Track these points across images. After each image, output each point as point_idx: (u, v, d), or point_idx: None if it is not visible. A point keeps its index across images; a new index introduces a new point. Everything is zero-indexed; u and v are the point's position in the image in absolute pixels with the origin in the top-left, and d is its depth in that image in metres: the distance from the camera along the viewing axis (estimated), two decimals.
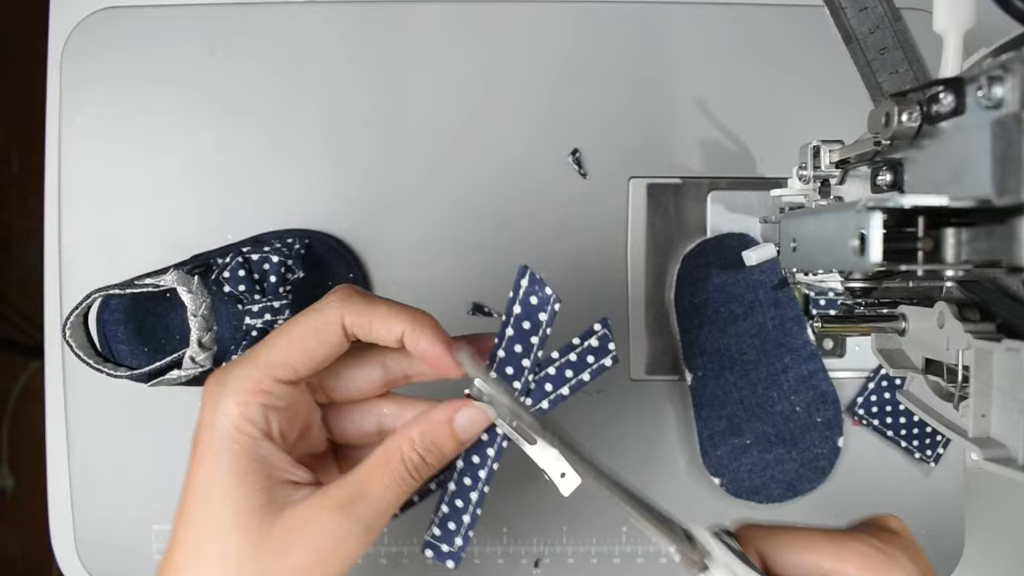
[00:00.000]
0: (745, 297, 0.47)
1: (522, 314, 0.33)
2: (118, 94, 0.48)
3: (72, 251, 0.48)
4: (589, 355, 0.34)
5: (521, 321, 0.33)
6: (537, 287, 0.33)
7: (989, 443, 0.27)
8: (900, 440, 0.48)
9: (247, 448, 0.29)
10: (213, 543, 0.29)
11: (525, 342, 0.33)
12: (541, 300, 0.33)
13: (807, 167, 0.34)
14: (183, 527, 0.30)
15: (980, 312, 0.29)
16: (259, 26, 0.48)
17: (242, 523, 0.29)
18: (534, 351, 0.33)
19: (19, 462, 1.28)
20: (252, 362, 0.30)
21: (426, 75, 0.48)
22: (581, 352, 0.34)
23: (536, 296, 0.33)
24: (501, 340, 0.33)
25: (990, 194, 0.21)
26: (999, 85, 0.20)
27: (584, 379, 0.34)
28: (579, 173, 0.49)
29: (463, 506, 0.33)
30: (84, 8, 0.48)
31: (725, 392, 0.47)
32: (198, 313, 0.42)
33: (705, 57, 0.49)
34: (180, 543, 0.30)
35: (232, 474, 0.29)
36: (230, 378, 0.30)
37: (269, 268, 0.43)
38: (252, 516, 0.29)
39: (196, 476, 0.30)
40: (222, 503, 0.29)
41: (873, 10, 0.31)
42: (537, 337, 0.33)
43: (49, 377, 0.48)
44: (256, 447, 0.29)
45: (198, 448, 0.30)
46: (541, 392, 0.33)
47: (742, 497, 0.47)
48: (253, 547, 0.28)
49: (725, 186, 0.48)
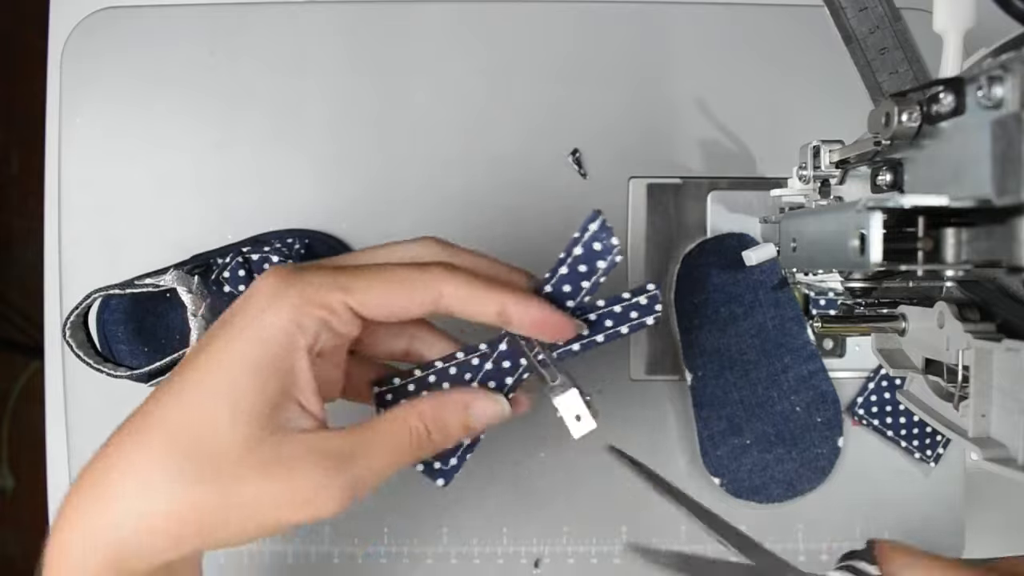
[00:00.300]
0: (745, 297, 0.47)
1: (582, 256, 0.33)
2: (118, 94, 0.48)
3: (72, 251, 0.48)
4: (633, 311, 0.34)
5: (578, 264, 0.33)
6: (604, 235, 0.33)
7: (989, 443, 0.27)
8: (900, 440, 0.48)
9: (281, 350, 0.27)
10: (194, 425, 0.26)
11: (576, 284, 0.33)
12: (605, 248, 0.33)
13: (807, 167, 0.34)
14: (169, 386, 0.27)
15: (980, 312, 0.29)
16: (259, 26, 0.48)
17: (236, 419, 0.26)
18: (582, 295, 0.33)
19: (19, 462, 1.28)
20: (334, 278, 0.28)
21: (426, 75, 0.48)
22: (627, 306, 0.34)
23: (601, 243, 0.33)
24: (552, 276, 0.33)
25: (990, 194, 0.21)
26: (999, 85, 0.20)
27: (622, 331, 0.34)
28: (579, 173, 0.49)
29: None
30: (84, 8, 0.48)
31: (725, 392, 0.47)
32: (198, 313, 0.42)
33: (705, 57, 0.49)
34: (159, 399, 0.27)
35: (251, 366, 0.26)
36: (302, 280, 0.27)
37: (269, 268, 0.43)
38: (249, 419, 0.26)
39: (211, 348, 0.27)
40: (226, 389, 0.26)
41: (873, 10, 0.31)
42: (589, 283, 0.33)
43: (49, 377, 0.48)
44: (291, 356, 0.27)
45: (226, 325, 0.27)
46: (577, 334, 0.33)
47: (742, 497, 0.47)
48: (236, 452, 0.26)
49: (725, 186, 0.48)
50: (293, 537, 0.48)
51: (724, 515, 0.50)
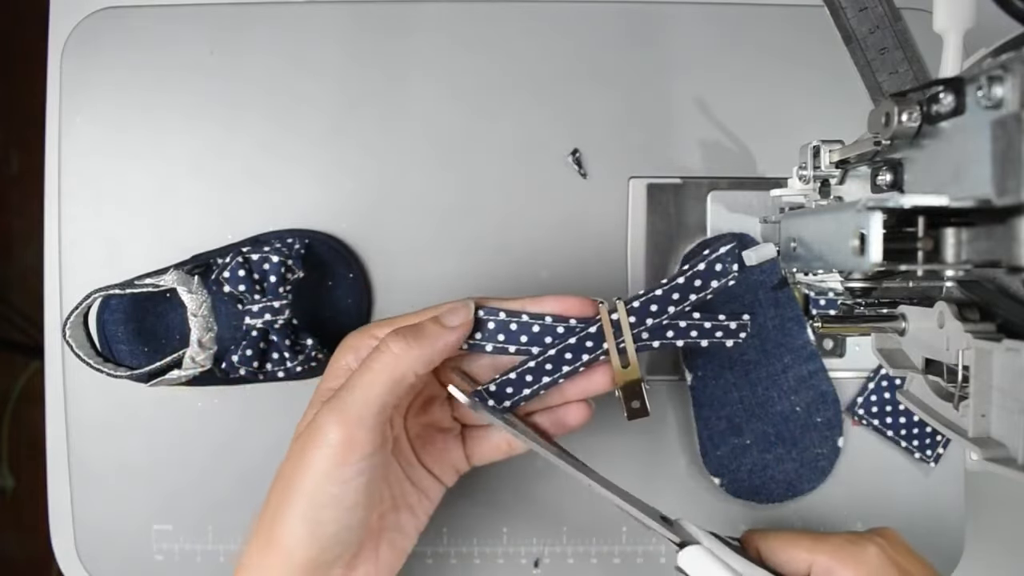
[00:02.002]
0: (745, 297, 0.47)
1: (702, 272, 0.36)
2: (118, 94, 0.48)
3: (72, 251, 0.48)
4: (720, 331, 0.37)
5: (696, 278, 0.35)
6: (730, 259, 0.35)
7: (989, 443, 0.27)
8: (900, 440, 0.48)
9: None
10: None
11: (684, 295, 0.36)
12: (724, 271, 0.36)
13: (807, 167, 0.34)
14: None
15: (980, 312, 0.29)
16: (259, 26, 0.48)
17: None
18: (685, 305, 0.36)
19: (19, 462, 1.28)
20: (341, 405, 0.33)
21: (426, 75, 0.48)
22: (717, 325, 0.37)
23: (723, 265, 0.36)
24: (669, 283, 0.35)
25: (990, 194, 0.21)
26: (999, 85, 0.20)
27: (702, 344, 0.37)
28: (579, 173, 0.49)
29: (531, 380, 0.36)
30: (84, 8, 0.48)
31: (725, 392, 0.47)
32: (198, 313, 0.42)
33: (705, 57, 0.49)
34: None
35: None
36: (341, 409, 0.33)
37: (269, 268, 0.43)
38: None
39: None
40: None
41: (873, 10, 0.31)
42: (697, 296, 0.36)
43: (49, 377, 0.48)
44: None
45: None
46: (661, 334, 0.36)
47: (742, 497, 0.47)
48: None
49: (725, 186, 0.48)
50: None
51: (724, 515, 0.50)
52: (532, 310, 0.36)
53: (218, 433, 0.48)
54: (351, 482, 0.32)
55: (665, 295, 0.35)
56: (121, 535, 0.48)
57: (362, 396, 0.32)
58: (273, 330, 0.43)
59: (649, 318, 0.35)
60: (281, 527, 0.32)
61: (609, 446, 0.48)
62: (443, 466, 0.39)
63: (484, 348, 0.35)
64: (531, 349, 0.35)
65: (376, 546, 0.36)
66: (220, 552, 0.48)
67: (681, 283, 0.35)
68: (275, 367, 0.44)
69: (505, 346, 0.35)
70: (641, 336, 0.36)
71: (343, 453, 0.31)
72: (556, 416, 0.38)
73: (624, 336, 0.35)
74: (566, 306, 0.36)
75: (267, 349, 0.44)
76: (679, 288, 0.35)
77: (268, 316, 0.43)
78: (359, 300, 0.47)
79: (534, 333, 0.35)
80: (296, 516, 0.32)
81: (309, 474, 0.32)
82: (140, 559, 0.48)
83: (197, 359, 0.42)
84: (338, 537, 0.32)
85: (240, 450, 0.48)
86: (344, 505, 0.32)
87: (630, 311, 0.35)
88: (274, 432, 0.48)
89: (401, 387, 0.32)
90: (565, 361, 0.35)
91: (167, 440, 0.48)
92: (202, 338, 0.42)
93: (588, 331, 0.35)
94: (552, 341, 0.35)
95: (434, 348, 0.33)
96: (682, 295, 0.35)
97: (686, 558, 0.32)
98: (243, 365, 0.43)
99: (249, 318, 0.43)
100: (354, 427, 0.31)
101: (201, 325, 0.42)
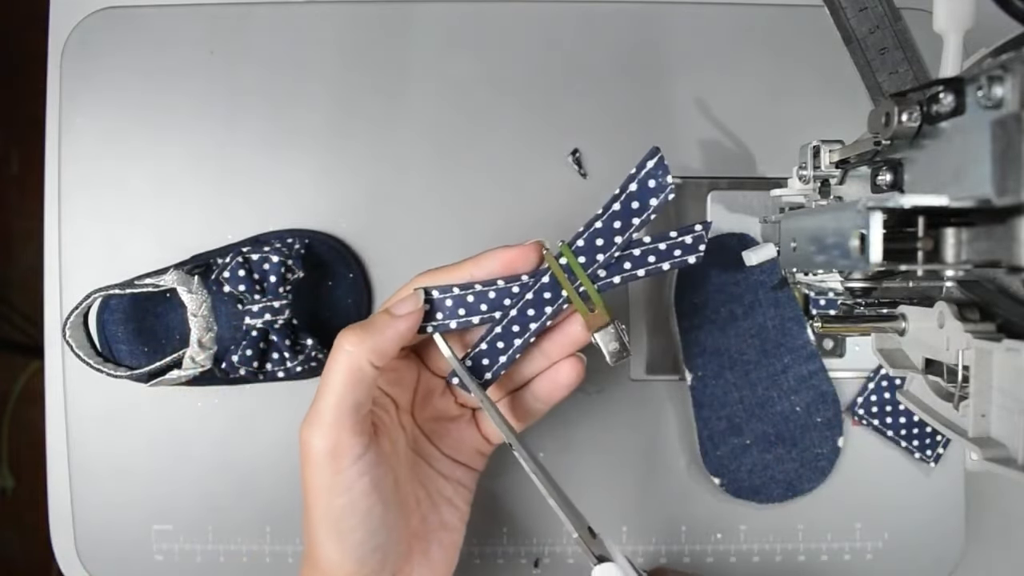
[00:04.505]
0: (745, 297, 0.47)
1: (636, 193, 0.34)
2: (118, 94, 0.48)
3: (72, 251, 0.48)
4: (677, 248, 0.35)
5: (631, 200, 0.34)
6: (660, 171, 0.34)
7: (989, 443, 0.27)
8: (900, 440, 0.48)
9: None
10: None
11: (626, 220, 0.34)
12: (658, 186, 0.34)
13: (807, 167, 0.34)
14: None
15: (980, 312, 0.29)
16: (259, 26, 0.48)
17: None
18: (630, 231, 0.34)
19: (19, 462, 1.28)
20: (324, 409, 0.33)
21: (426, 75, 0.48)
22: (672, 244, 0.35)
23: (656, 180, 0.34)
24: (605, 212, 0.34)
25: (990, 194, 0.21)
26: (999, 85, 0.20)
27: (663, 268, 0.35)
28: (579, 173, 0.49)
29: (504, 347, 0.35)
30: (84, 8, 0.48)
31: (725, 392, 0.47)
32: (198, 313, 0.42)
33: (705, 57, 0.49)
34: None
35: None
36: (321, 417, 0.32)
37: (269, 268, 0.43)
38: None
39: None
40: None
41: (873, 10, 0.31)
42: (639, 219, 0.34)
43: (49, 377, 0.48)
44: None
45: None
46: (619, 268, 0.35)
47: (742, 497, 0.47)
48: None
49: (725, 186, 0.48)
50: (294, 537, 0.48)
51: (724, 515, 0.50)
52: (479, 274, 0.35)
53: (218, 433, 0.48)
54: (355, 487, 0.32)
55: (606, 226, 0.34)
56: (121, 535, 0.48)
57: (332, 400, 0.32)
58: (273, 330, 0.43)
59: (599, 253, 0.34)
60: (316, 549, 0.33)
61: (609, 446, 0.48)
62: (465, 452, 0.39)
63: (448, 326, 0.35)
64: (494, 315, 0.35)
65: (426, 549, 0.36)
66: (220, 552, 0.48)
67: (617, 209, 0.34)
68: (275, 367, 0.44)
69: (468, 319, 0.35)
70: (598, 275, 0.35)
71: (334, 462, 0.31)
72: (550, 378, 0.38)
73: (579, 278, 0.34)
74: (509, 259, 0.35)
75: (267, 349, 0.44)
76: (617, 215, 0.34)
77: (268, 316, 0.43)
78: (359, 300, 0.47)
79: (491, 299, 0.35)
80: (323, 538, 0.32)
81: (313, 493, 0.32)
82: (140, 559, 0.48)
83: (197, 359, 0.42)
84: (370, 544, 0.32)
85: (240, 450, 0.48)
86: (359, 510, 0.32)
87: (576, 251, 0.34)
88: (274, 432, 0.48)
89: (364, 381, 0.32)
90: (529, 318, 0.35)
91: (167, 440, 0.48)
92: (202, 338, 0.42)
93: (541, 282, 0.35)
94: (512, 302, 0.35)
95: (384, 337, 0.33)
96: (624, 221, 0.34)
97: (600, 573, 0.33)
98: (243, 365, 0.43)
99: (249, 318, 0.43)
100: (335, 433, 0.31)
101: (201, 325, 0.42)
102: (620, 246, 0.34)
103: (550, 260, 0.35)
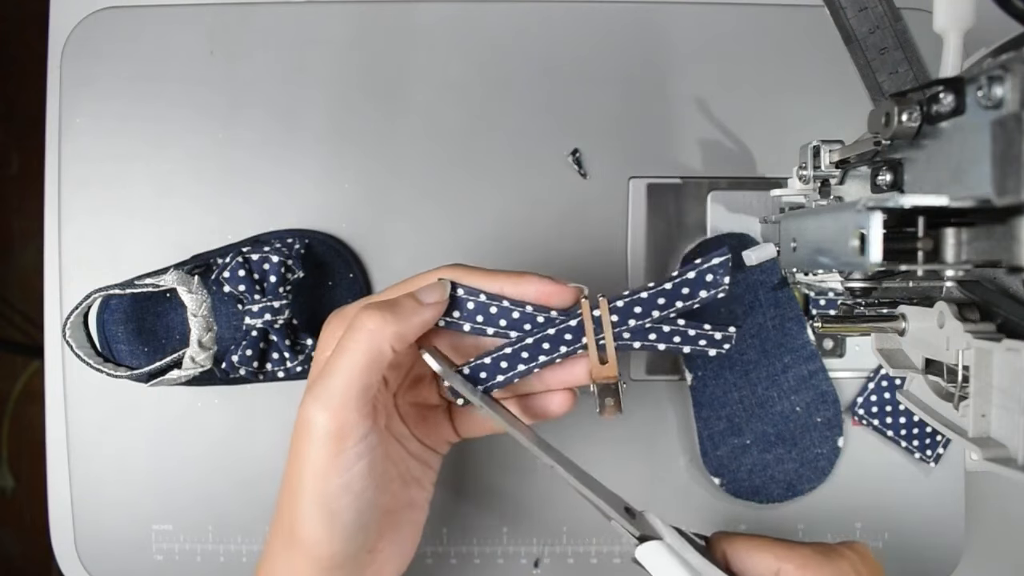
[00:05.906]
0: (745, 297, 0.47)
1: (691, 280, 0.35)
2: (118, 94, 0.48)
3: (72, 251, 0.48)
4: (703, 339, 0.36)
5: (684, 286, 0.35)
6: (721, 271, 0.35)
7: (989, 443, 0.27)
8: (900, 440, 0.48)
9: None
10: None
11: (671, 301, 0.35)
12: (714, 282, 0.35)
13: (807, 167, 0.34)
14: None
15: (980, 312, 0.29)
16: (259, 26, 0.48)
17: None
18: (670, 311, 0.35)
19: (19, 462, 1.28)
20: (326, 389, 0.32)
21: (426, 75, 0.48)
22: (700, 334, 0.36)
23: (714, 276, 0.35)
24: (656, 286, 0.35)
25: (990, 194, 0.21)
26: (999, 85, 0.20)
27: (684, 349, 0.36)
28: (579, 173, 0.49)
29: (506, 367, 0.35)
30: (84, 8, 0.48)
31: (725, 392, 0.47)
32: (198, 313, 0.42)
33: (705, 57, 0.49)
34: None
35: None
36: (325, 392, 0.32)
37: (269, 268, 0.43)
38: None
39: None
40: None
41: (873, 10, 0.31)
42: (683, 304, 0.35)
43: (49, 377, 0.48)
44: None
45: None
46: (643, 335, 0.36)
47: (742, 497, 0.47)
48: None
49: (725, 186, 0.48)
50: None
51: (724, 515, 0.50)
52: (511, 291, 0.35)
53: (218, 433, 0.48)
54: (354, 467, 0.31)
55: (650, 299, 0.35)
56: (121, 535, 0.48)
57: (344, 379, 0.31)
58: (273, 330, 0.43)
59: (631, 319, 0.35)
60: (301, 526, 0.32)
61: (609, 446, 0.48)
62: (434, 439, 0.39)
63: (462, 327, 0.35)
64: (510, 333, 0.35)
65: (395, 524, 0.36)
66: (220, 552, 0.48)
67: (668, 288, 0.35)
68: (275, 367, 0.44)
69: (483, 327, 0.35)
70: (622, 336, 0.35)
71: (338, 442, 0.31)
72: (538, 403, 0.38)
73: (604, 334, 0.35)
74: (547, 292, 0.35)
75: (267, 349, 0.44)
76: (665, 294, 0.35)
77: (268, 316, 0.43)
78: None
79: (513, 319, 0.35)
80: (313, 514, 0.32)
81: (309, 471, 0.31)
82: (140, 559, 0.48)
83: (197, 359, 0.42)
84: (358, 523, 0.32)
85: (240, 450, 0.48)
86: (354, 491, 0.32)
87: (613, 310, 0.35)
88: (274, 432, 0.48)
89: (381, 364, 0.31)
90: (542, 351, 0.35)
91: (167, 440, 0.48)
92: (202, 338, 0.42)
93: (568, 324, 0.35)
94: (531, 328, 0.35)
95: (410, 323, 0.32)
96: (668, 301, 0.35)
97: (644, 552, 0.31)
98: (243, 365, 0.43)
99: (249, 318, 0.43)
100: (343, 413, 0.31)
101: (201, 325, 0.42)
102: (655, 320, 0.35)
103: (584, 308, 0.35)
